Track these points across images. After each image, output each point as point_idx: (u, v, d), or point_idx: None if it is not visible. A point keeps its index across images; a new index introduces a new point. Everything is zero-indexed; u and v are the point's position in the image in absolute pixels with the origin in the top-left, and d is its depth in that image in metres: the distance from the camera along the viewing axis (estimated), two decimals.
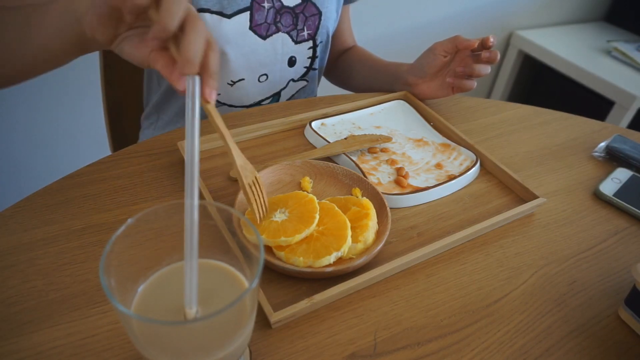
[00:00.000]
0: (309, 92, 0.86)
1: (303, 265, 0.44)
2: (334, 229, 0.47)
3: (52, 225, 0.48)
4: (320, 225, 0.47)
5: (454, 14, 1.68)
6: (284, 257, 0.45)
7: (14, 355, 0.37)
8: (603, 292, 0.48)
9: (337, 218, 0.48)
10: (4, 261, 0.44)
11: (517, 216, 0.55)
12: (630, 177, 0.63)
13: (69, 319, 0.40)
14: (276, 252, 0.46)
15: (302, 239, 0.46)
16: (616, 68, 1.67)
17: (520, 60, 1.91)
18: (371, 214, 0.49)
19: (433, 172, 0.61)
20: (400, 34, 1.61)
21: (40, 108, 1.21)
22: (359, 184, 0.55)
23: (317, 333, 0.41)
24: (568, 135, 0.73)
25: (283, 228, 0.46)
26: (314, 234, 0.47)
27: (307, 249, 0.45)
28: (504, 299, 0.46)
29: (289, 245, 0.45)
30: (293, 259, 0.44)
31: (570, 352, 0.42)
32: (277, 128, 0.66)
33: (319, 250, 0.45)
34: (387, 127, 0.69)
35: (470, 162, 0.62)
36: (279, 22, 0.71)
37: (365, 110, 0.71)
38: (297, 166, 0.57)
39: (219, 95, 0.74)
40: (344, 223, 0.47)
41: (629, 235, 0.55)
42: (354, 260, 0.46)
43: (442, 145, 0.66)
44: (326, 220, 0.48)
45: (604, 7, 2.01)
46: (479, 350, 0.41)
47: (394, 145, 0.66)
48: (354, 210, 0.50)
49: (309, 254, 0.45)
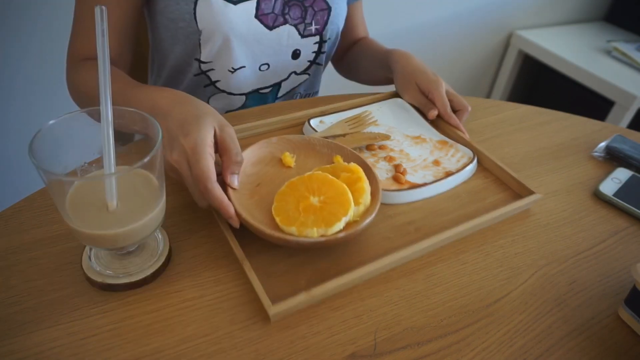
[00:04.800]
0: (309, 87, 0.85)
1: (317, 235, 0.45)
2: (335, 196, 0.48)
3: (52, 225, 0.48)
4: (321, 195, 0.48)
5: (454, 14, 1.68)
6: (295, 231, 0.45)
7: (14, 355, 0.37)
8: (603, 292, 0.48)
9: (335, 185, 0.49)
10: (4, 261, 0.44)
11: (513, 212, 0.55)
12: (630, 177, 0.63)
13: (69, 319, 0.40)
14: (285, 228, 0.46)
15: (307, 211, 0.47)
16: (616, 68, 1.67)
17: (520, 60, 1.91)
18: (363, 177, 0.51)
19: (431, 169, 0.61)
20: (400, 34, 1.61)
21: (39, 107, 1.21)
22: (338, 151, 0.57)
23: (317, 333, 0.41)
24: (568, 135, 0.73)
25: (325, 214, 0.47)
26: (317, 205, 0.47)
27: (315, 219, 0.46)
28: (504, 299, 0.46)
29: (297, 220, 0.46)
30: (306, 232, 0.45)
31: (570, 352, 0.42)
32: (276, 126, 0.67)
33: (328, 218, 0.46)
34: (385, 124, 0.69)
35: (468, 159, 0.63)
36: (287, 14, 0.71)
37: (364, 108, 0.71)
38: (274, 143, 0.57)
39: (218, 82, 0.74)
40: (343, 189, 0.48)
41: (628, 235, 0.55)
42: (362, 221, 0.47)
43: (439, 142, 0.66)
44: (324, 189, 0.49)
45: (604, 7, 2.01)
46: (479, 350, 0.41)
47: (391, 143, 0.66)
48: (345, 176, 0.51)
49: (320, 223, 0.46)
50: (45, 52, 1.13)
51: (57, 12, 1.09)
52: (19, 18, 1.08)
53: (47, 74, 1.16)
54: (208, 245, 0.48)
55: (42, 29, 1.11)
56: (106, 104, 0.38)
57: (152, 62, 0.80)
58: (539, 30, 1.87)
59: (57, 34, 1.12)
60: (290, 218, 0.46)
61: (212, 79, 0.74)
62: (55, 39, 1.12)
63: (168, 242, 0.47)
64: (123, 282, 0.42)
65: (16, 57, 1.12)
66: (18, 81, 1.15)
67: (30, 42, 1.11)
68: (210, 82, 0.74)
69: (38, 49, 1.13)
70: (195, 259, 0.47)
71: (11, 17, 1.07)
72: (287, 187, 0.50)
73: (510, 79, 1.95)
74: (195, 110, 0.49)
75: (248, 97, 0.78)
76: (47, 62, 1.15)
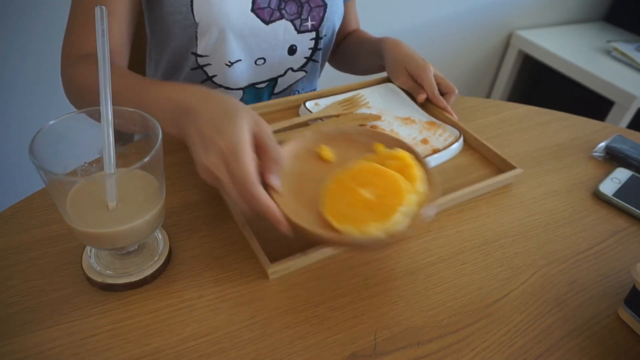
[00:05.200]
0: (307, 85, 0.85)
1: (376, 230, 0.41)
2: (388, 186, 0.44)
3: (52, 225, 0.48)
4: (372, 187, 0.44)
5: (454, 14, 1.68)
6: (351, 229, 0.41)
7: (14, 355, 0.37)
8: (603, 292, 0.48)
9: (386, 175, 0.45)
10: (4, 261, 0.44)
11: (495, 185, 0.59)
12: (630, 177, 0.63)
13: (69, 319, 0.40)
14: (342, 227, 0.42)
15: (361, 205, 0.43)
16: (616, 68, 1.67)
17: (520, 60, 1.91)
18: (412, 162, 0.47)
19: (419, 147, 0.65)
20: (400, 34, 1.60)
21: (39, 107, 1.21)
22: (378, 138, 0.53)
23: (317, 333, 0.41)
24: (568, 135, 0.73)
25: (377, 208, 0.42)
26: (371, 198, 0.43)
27: (373, 215, 0.42)
28: (504, 299, 0.46)
29: (352, 217, 0.42)
30: (364, 228, 0.41)
31: (570, 352, 0.42)
32: (273, 108, 0.70)
33: (386, 212, 0.42)
34: (377, 107, 0.73)
35: (454, 138, 0.66)
36: (283, 9, 0.72)
37: (357, 92, 0.75)
38: (308, 138, 0.53)
39: (215, 76, 0.74)
40: (395, 177, 0.44)
41: (628, 235, 0.55)
42: (424, 211, 0.43)
43: (428, 123, 0.69)
44: (375, 180, 0.45)
45: (603, 7, 2.01)
46: (479, 350, 0.41)
47: (382, 123, 0.68)
48: (393, 164, 0.47)
49: (378, 219, 0.41)
50: (45, 52, 1.13)
51: (57, 12, 1.08)
52: (19, 18, 1.08)
53: (47, 74, 1.16)
54: (208, 245, 0.48)
55: (42, 29, 1.11)
56: (106, 104, 0.38)
57: (150, 57, 0.81)
58: (539, 30, 1.87)
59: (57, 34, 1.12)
60: (343, 215, 0.42)
61: (208, 73, 0.74)
62: (55, 39, 1.12)
63: (168, 242, 0.47)
64: (123, 282, 0.42)
65: (16, 57, 1.12)
66: (18, 81, 1.15)
67: (30, 42, 1.11)
68: (207, 77, 0.74)
69: (38, 49, 1.13)
70: (195, 259, 0.47)
71: (11, 17, 1.07)
72: (334, 182, 0.46)
73: (510, 79, 1.95)
74: (226, 106, 0.45)
75: (245, 92, 0.78)
76: (47, 62, 1.15)
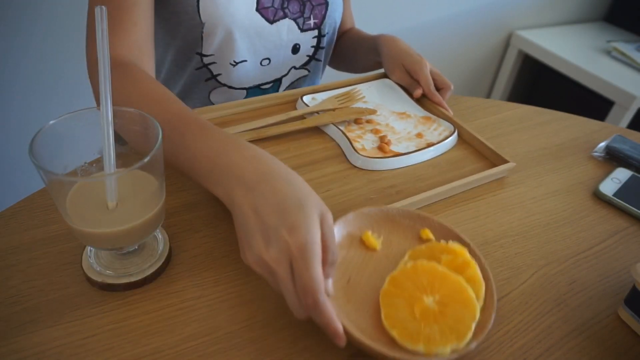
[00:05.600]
0: (310, 84, 0.86)
1: (450, 351, 0.37)
2: (452, 293, 0.40)
3: (52, 225, 0.48)
4: (435, 294, 0.40)
5: (454, 14, 1.68)
6: (423, 350, 0.37)
7: (15, 355, 0.37)
8: (603, 292, 0.48)
9: (448, 279, 0.41)
10: (4, 261, 0.44)
11: (488, 178, 0.60)
12: (630, 177, 0.63)
13: (69, 319, 0.40)
14: (407, 346, 0.37)
15: (426, 318, 0.39)
16: (616, 68, 1.67)
17: (520, 60, 1.91)
18: (471, 261, 0.43)
19: (414, 140, 0.66)
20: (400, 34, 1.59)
21: (39, 107, 1.21)
22: (422, 222, 0.49)
23: (318, 332, 0.41)
24: (568, 135, 0.73)
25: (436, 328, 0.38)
26: (435, 308, 0.39)
27: (442, 330, 0.38)
28: (504, 299, 0.46)
29: (420, 333, 0.38)
30: (437, 350, 0.37)
31: (570, 352, 0.42)
32: (271, 102, 0.71)
33: (457, 328, 0.38)
34: (374, 102, 0.74)
35: (449, 132, 0.67)
36: (286, 7, 0.72)
37: (354, 86, 0.75)
38: (350, 220, 0.48)
39: (220, 75, 0.75)
40: (460, 284, 0.40)
41: (628, 235, 0.55)
42: (489, 320, 0.39)
43: (423, 118, 0.71)
44: (437, 284, 0.40)
45: (603, 7, 2.01)
46: (479, 350, 0.41)
47: (378, 117, 0.70)
48: (448, 260, 0.43)
49: (449, 336, 0.37)
50: (46, 52, 1.13)
51: (57, 12, 1.09)
52: (19, 18, 1.08)
53: (47, 73, 1.16)
54: (208, 245, 0.48)
55: (42, 29, 1.11)
56: (106, 104, 0.38)
57: (160, 70, 0.81)
58: (539, 30, 1.87)
59: (57, 34, 1.12)
60: (411, 331, 0.38)
61: (213, 72, 0.74)
62: (55, 38, 1.13)
63: (168, 242, 0.47)
64: (123, 282, 0.42)
65: (16, 56, 1.12)
66: (18, 81, 1.15)
67: (30, 42, 1.11)
68: (211, 75, 0.75)
69: (38, 48, 1.13)
70: (195, 259, 0.47)
71: (11, 17, 1.07)
72: (391, 284, 0.41)
73: (510, 79, 1.95)
74: (292, 190, 0.39)
75: (249, 91, 0.78)
76: (47, 62, 1.15)
